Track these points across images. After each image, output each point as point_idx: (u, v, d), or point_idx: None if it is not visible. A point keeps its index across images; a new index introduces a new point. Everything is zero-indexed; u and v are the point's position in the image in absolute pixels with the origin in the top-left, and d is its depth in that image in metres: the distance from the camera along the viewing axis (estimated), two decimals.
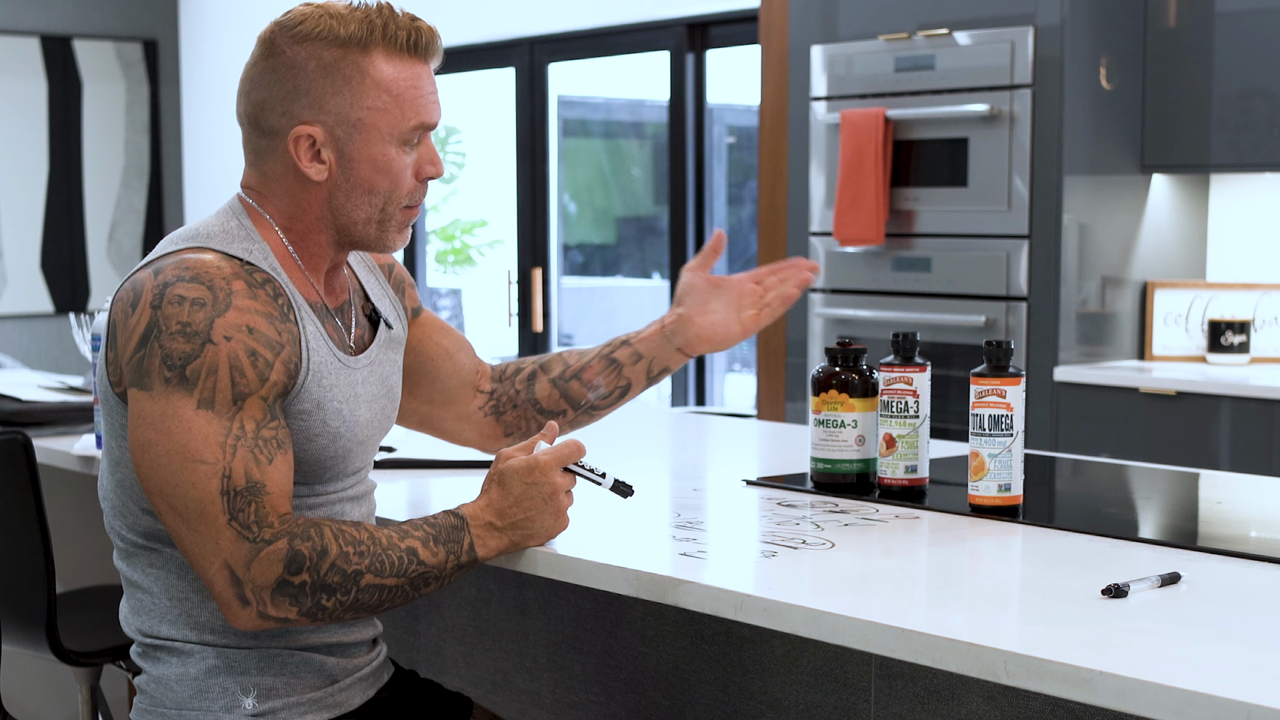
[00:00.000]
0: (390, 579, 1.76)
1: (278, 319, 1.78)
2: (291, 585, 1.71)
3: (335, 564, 1.72)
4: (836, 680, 2.02)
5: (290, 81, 1.82)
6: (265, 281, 1.79)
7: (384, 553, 1.75)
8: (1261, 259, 4.37)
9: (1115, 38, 4.20)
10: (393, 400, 2.01)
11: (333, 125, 1.82)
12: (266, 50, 1.84)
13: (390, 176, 1.85)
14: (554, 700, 2.42)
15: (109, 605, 2.79)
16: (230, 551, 1.71)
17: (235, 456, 1.71)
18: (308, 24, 1.82)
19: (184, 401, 1.71)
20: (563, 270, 6.73)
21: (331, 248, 1.90)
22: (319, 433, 1.84)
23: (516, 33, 6.37)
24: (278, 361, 1.76)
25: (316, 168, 1.84)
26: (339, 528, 1.75)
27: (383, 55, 1.82)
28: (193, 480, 1.71)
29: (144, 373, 1.73)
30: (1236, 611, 1.62)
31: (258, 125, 1.86)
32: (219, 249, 1.81)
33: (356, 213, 1.86)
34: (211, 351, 1.72)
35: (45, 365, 7.55)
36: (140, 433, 1.74)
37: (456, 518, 1.83)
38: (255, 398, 1.74)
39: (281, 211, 1.88)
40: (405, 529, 1.80)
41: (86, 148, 7.78)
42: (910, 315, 4.41)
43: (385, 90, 1.82)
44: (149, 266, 1.80)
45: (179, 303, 1.72)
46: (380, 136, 1.83)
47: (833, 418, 2.19)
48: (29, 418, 2.97)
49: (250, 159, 1.90)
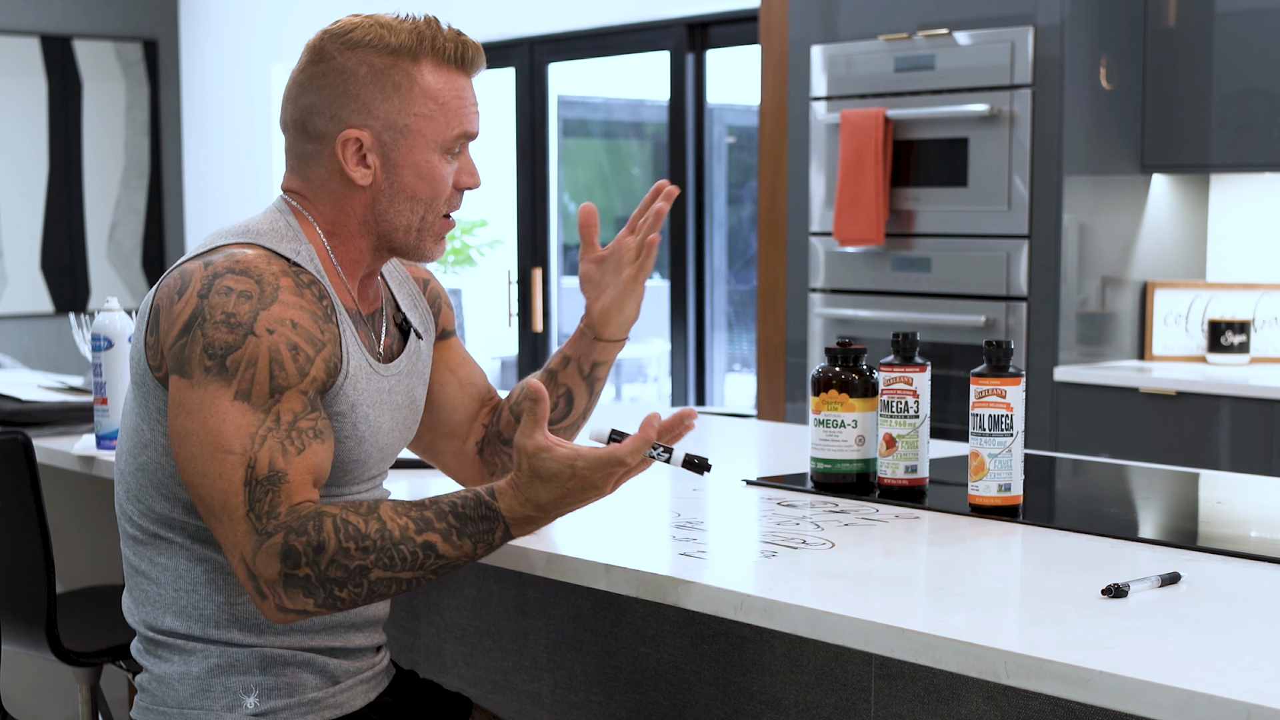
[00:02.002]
0: (405, 572, 1.72)
1: (321, 318, 1.80)
2: (296, 578, 1.71)
3: (335, 559, 1.70)
4: (836, 680, 2.02)
5: (340, 86, 1.84)
6: (311, 283, 1.81)
7: (394, 547, 1.71)
8: (1261, 259, 4.37)
9: (1115, 38, 4.21)
10: (415, 413, 2.02)
11: (380, 130, 1.85)
12: (315, 56, 1.87)
13: (433, 184, 1.88)
14: (554, 700, 2.42)
15: (109, 605, 2.79)
16: (243, 545, 1.71)
17: (263, 447, 1.72)
18: (358, 32, 1.85)
19: (222, 391, 1.72)
20: (563, 270, 6.73)
21: (370, 254, 1.92)
22: (347, 435, 1.85)
23: (516, 33, 6.37)
24: (319, 358, 1.78)
25: (362, 172, 1.86)
26: (343, 519, 1.71)
27: (431, 65, 1.86)
28: (220, 471, 1.71)
29: (185, 360, 1.74)
30: (1236, 611, 1.63)
31: (304, 130, 1.88)
32: (268, 246, 1.82)
33: (398, 219, 1.88)
34: (253, 343, 1.73)
35: (45, 365, 7.55)
36: (179, 420, 1.75)
37: (490, 509, 1.75)
38: (294, 391, 1.75)
39: (324, 216, 1.90)
40: (428, 518, 1.73)
41: (86, 148, 7.78)
42: (910, 315, 4.41)
43: (432, 99, 1.85)
44: (199, 258, 1.81)
45: (226, 293, 1.74)
46: (425, 143, 1.86)
47: (833, 418, 2.19)
48: (29, 418, 2.97)
49: (294, 164, 1.91)
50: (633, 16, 5.91)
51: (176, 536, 1.85)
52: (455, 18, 2.02)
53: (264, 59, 7.39)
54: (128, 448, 1.88)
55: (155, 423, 1.82)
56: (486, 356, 7.53)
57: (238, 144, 7.61)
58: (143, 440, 1.85)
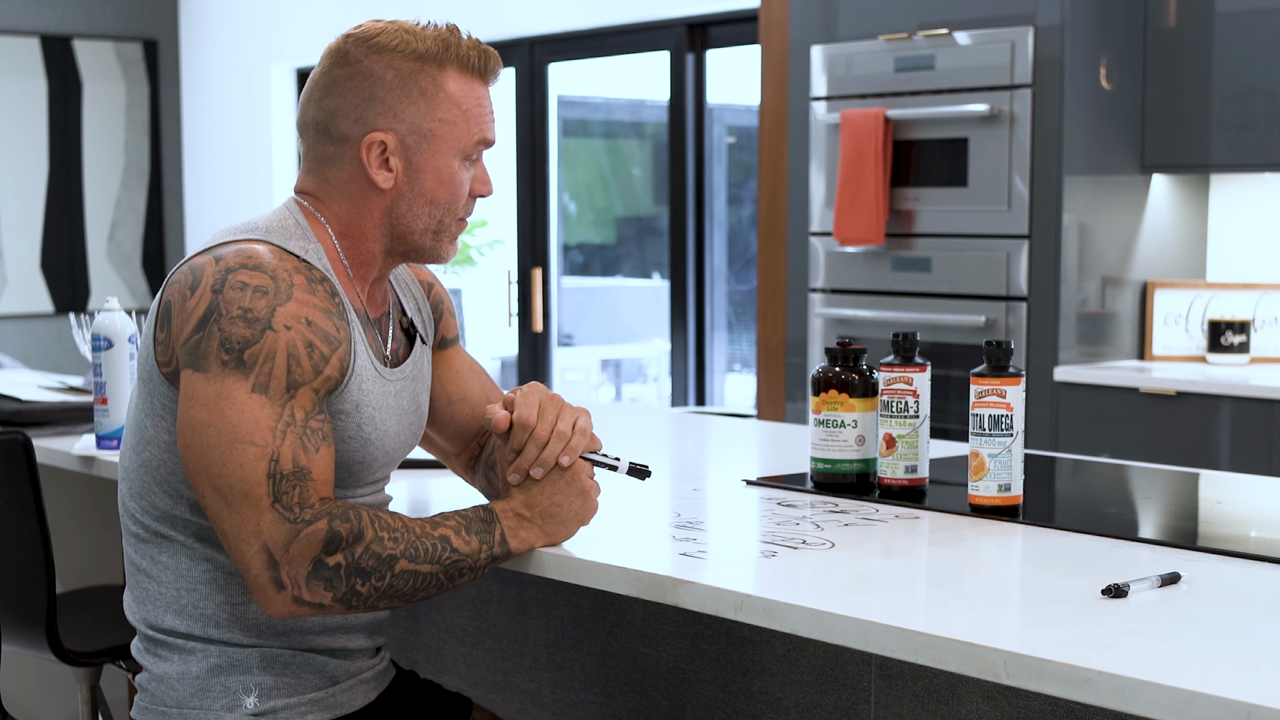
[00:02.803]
0: (425, 565, 1.76)
1: (335, 315, 1.81)
2: (327, 567, 1.72)
3: (370, 547, 1.73)
4: (836, 680, 2.02)
5: (366, 90, 1.86)
6: (322, 280, 1.83)
7: (418, 540, 1.76)
8: (1261, 259, 4.37)
9: (1115, 38, 4.20)
10: (420, 419, 2.03)
11: (405, 134, 1.87)
12: (339, 60, 1.89)
13: (451, 189, 1.91)
14: (554, 700, 2.42)
15: (109, 605, 2.80)
16: (270, 534, 1.72)
17: (284, 441, 1.74)
18: (384, 37, 1.88)
19: (239, 385, 1.73)
20: (563, 270, 6.73)
21: (382, 257, 1.94)
22: (352, 435, 1.86)
23: (516, 33, 6.37)
24: (334, 357, 1.80)
25: (384, 175, 1.88)
26: (375, 513, 1.76)
27: (456, 72, 1.89)
28: (240, 461, 1.72)
29: (201, 354, 1.75)
30: (1236, 611, 1.63)
31: (326, 131, 1.89)
32: (277, 243, 1.84)
33: (416, 222, 1.91)
34: (271, 338, 1.74)
35: (45, 365, 7.55)
36: (192, 413, 1.75)
37: (486, 510, 1.85)
38: (307, 388, 1.77)
39: (338, 217, 1.91)
40: (436, 519, 1.81)
41: (86, 148, 7.78)
42: (910, 315, 4.41)
43: (456, 105, 1.89)
44: (208, 253, 1.82)
45: (241, 288, 1.76)
46: (447, 149, 1.89)
47: (833, 418, 2.19)
48: (29, 418, 2.97)
49: (311, 165, 1.93)
50: (633, 16, 5.91)
51: (179, 535, 1.85)
52: (456, 18, 2.03)
53: (264, 59, 7.39)
54: (132, 444, 1.89)
55: (160, 419, 1.83)
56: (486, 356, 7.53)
57: (238, 144, 7.60)
58: (146, 436, 1.85)
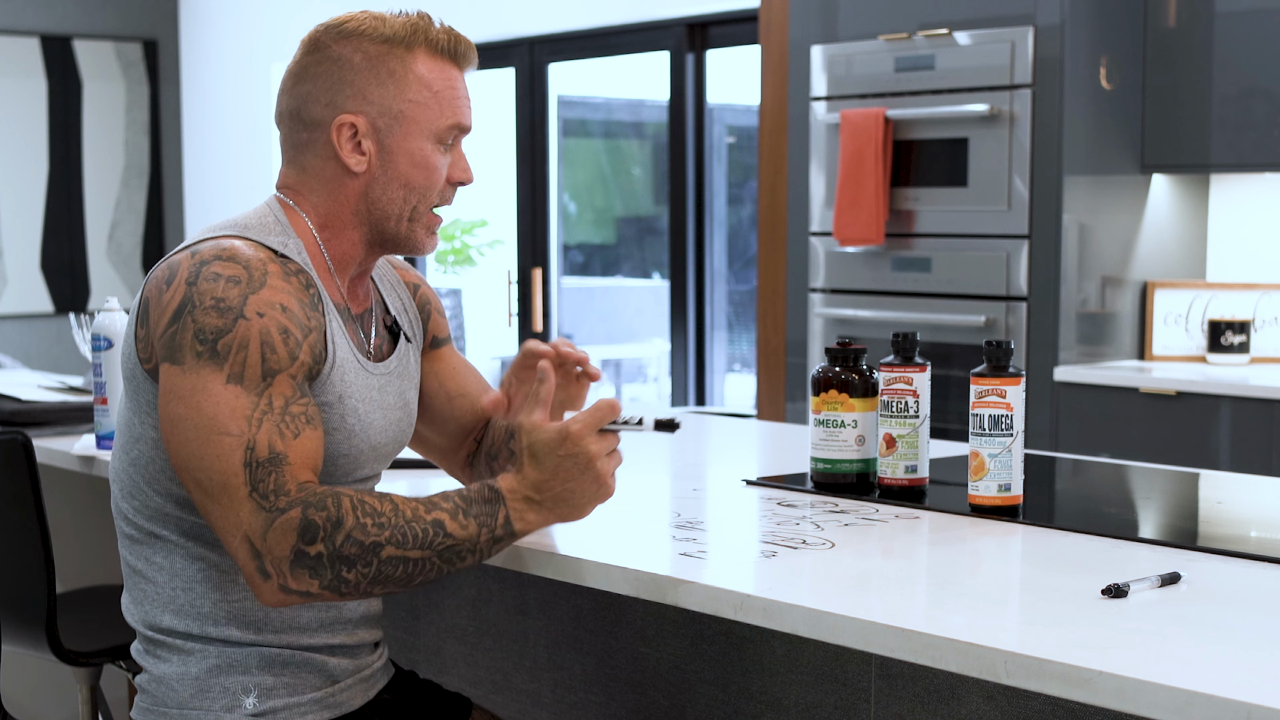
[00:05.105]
0: (414, 551, 1.73)
1: (308, 305, 1.81)
2: (308, 556, 1.70)
3: (351, 535, 1.71)
4: (836, 680, 2.02)
5: (335, 74, 1.88)
6: (298, 272, 1.83)
7: (407, 525, 1.73)
8: (1261, 259, 4.37)
9: (1115, 38, 4.20)
10: (408, 417, 2.02)
11: (375, 116, 1.88)
12: (311, 48, 1.91)
13: (426, 172, 1.90)
14: (554, 700, 2.42)
15: (109, 605, 2.80)
16: (249, 523, 1.71)
17: (260, 429, 1.73)
18: (353, 23, 1.89)
19: (214, 375, 1.73)
20: (563, 270, 6.73)
21: (363, 248, 1.94)
22: (337, 427, 1.86)
23: (516, 33, 6.37)
24: (306, 343, 1.79)
25: (356, 158, 1.88)
26: (359, 499, 1.73)
27: (425, 54, 1.90)
28: (218, 453, 1.72)
29: (176, 347, 1.75)
30: (1236, 611, 1.63)
31: (299, 118, 1.90)
32: (255, 239, 1.84)
33: (390, 207, 1.90)
34: (244, 326, 1.74)
35: (45, 365, 7.55)
36: (170, 407, 1.75)
37: (492, 490, 1.80)
38: (285, 375, 1.76)
39: (317, 209, 1.91)
40: (435, 500, 1.77)
41: (86, 148, 7.78)
42: (910, 315, 4.41)
43: (426, 86, 1.89)
44: (186, 249, 1.83)
45: (214, 279, 1.76)
46: (419, 130, 1.89)
47: (833, 418, 2.19)
48: (29, 418, 2.97)
49: (289, 155, 1.93)
50: (633, 16, 5.91)
51: (171, 534, 1.85)
52: (455, 18, 2.04)
53: (264, 59, 7.39)
54: (121, 444, 1.89)
55: (145, 416, 1.83)
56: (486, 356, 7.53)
57: (238, 144, 7.60)
58: (134, 435, 1.86)
